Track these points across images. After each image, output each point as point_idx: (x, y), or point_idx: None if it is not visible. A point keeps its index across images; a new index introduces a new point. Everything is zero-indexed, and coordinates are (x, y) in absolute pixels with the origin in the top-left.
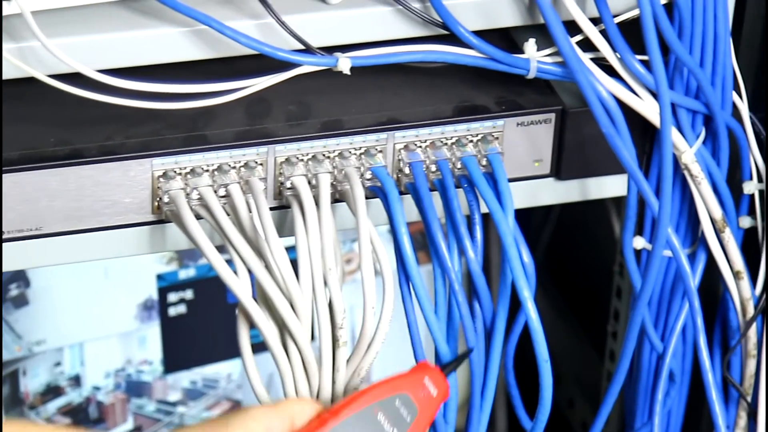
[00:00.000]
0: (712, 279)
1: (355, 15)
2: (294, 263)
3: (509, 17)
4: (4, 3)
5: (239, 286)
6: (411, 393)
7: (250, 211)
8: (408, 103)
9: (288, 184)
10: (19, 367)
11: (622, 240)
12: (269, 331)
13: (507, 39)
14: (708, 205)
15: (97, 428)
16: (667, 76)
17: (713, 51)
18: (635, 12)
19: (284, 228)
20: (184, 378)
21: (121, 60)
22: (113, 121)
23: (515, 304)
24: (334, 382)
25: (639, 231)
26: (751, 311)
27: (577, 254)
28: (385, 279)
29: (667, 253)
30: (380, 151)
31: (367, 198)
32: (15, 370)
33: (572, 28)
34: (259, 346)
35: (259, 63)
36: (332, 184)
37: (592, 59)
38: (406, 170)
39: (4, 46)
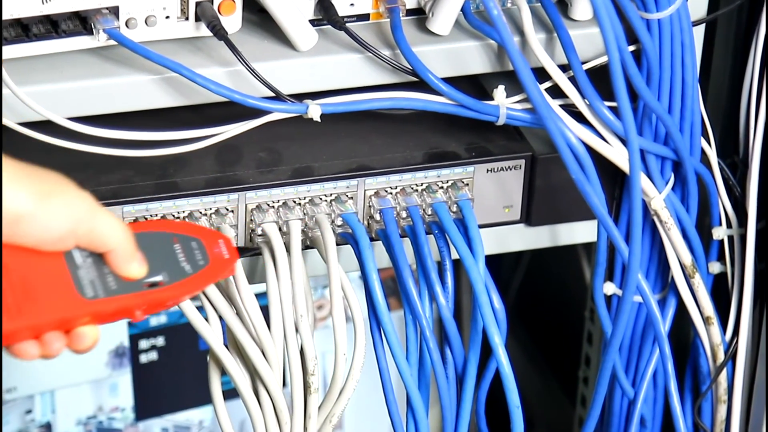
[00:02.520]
0: (682, 324)
1: (325, 62)
2: (265, 310)
3: (478, 64)
4: None
5: (210, 333)
6: (206, 244)
7: None
8: (378, 150)
9: (259, 231)
10: None
11: (593, 286)
12: (240, 378)
13: (477, 86)
14: (678, 250)
15: None
16: (636, 122)
17: (681, 97)
18: (604, 59)
19: (255, 275)
20: (156, 425)
21: (91, 108)
22: (84, 169)
23: (487, 350)
24: (306, 429)
25: (609, 276)
26: (721, 357)
27: (548, 300)
28: (356, 325)
29: (638, 298)
30: (351, 198)
31: (338, 244)
32: None
33: (541, 74)
34: (231, 393)
35: (230, 110)
36: (303, 231)
37: (561, 106)
38: (377, 216)
39: None
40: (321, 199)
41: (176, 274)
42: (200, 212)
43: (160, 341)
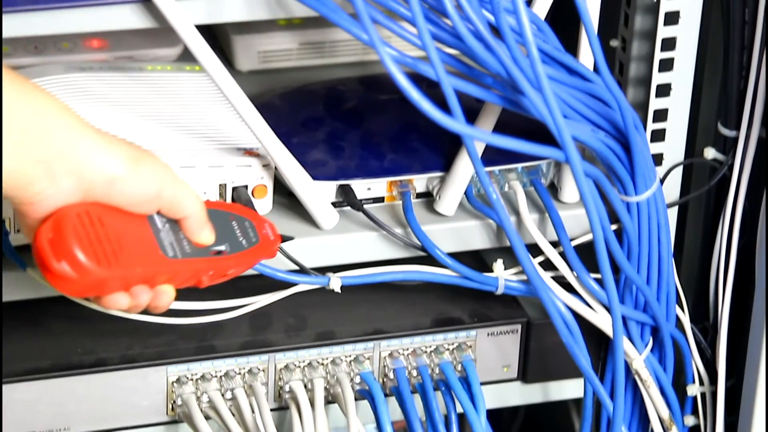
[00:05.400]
0: None
1: (345, 239)
2: None
3: (480, 241)
4: None
5: None
6: (257, 225)
7: (253, 412)
8: (392, 317)
9: (287, 388)
10: None
11: None
12: None
13: (478, 259)
14: (656, 405)
15: None
16: (618, 292)
17: (658, 270)
18: (589, 236)
19: (284, 427)
20: None
21: None
22: (133, 334)
23: None
24: None
25: (596, 428)
26: None
27: None
28: None
29: None
30: (368, 359)
31: (356, 400)
32: None
33: (535, 250)
34: None
35: (261, 282)
36: (326, 388)
37: (552, 277)
38: (391, 375)
39: None
40: (341, 359)
41: (236, 246)
42: (235, 371)
43: None
